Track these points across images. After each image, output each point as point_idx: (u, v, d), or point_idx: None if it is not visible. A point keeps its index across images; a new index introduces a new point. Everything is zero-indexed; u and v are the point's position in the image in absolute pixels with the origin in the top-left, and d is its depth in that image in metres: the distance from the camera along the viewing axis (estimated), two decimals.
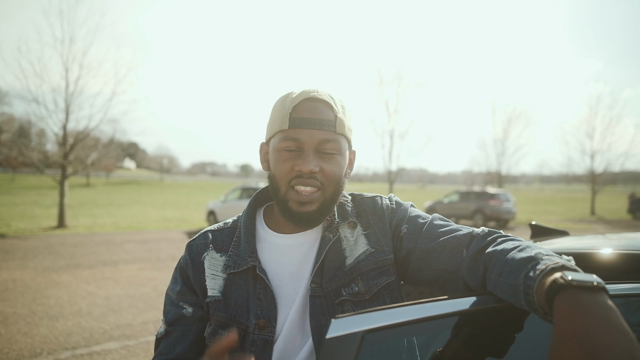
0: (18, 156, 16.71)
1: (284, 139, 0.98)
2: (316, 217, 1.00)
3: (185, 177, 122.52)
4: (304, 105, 0.98)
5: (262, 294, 0.98)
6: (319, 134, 0.97)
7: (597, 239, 1.66)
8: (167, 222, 17.30)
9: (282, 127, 0.98)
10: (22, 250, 9.90)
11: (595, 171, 30.31)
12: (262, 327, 0.96)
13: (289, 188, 0.98)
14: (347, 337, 0.71)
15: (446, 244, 0.97)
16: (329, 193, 1.00)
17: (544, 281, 0.68)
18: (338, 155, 1.00)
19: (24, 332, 4.65)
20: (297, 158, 0.97)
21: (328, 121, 0.98)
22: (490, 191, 19.54)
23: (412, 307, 0.77)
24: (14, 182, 47.42)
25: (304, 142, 0.97)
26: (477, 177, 66.33)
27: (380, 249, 1.03)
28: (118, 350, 4.25)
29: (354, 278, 0.99)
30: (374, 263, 1.01)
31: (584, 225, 19.62)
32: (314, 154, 0.97)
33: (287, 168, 0.97)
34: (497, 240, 0.91)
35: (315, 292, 0.97)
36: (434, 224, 1.02)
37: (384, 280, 1.01)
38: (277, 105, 1.02)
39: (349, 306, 0.97)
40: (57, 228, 14.23)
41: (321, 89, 1.02)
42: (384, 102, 28.07)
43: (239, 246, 1.04)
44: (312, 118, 0.97)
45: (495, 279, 0.81)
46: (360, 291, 0.98)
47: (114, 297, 6.10)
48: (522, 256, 0.77)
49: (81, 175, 49.92)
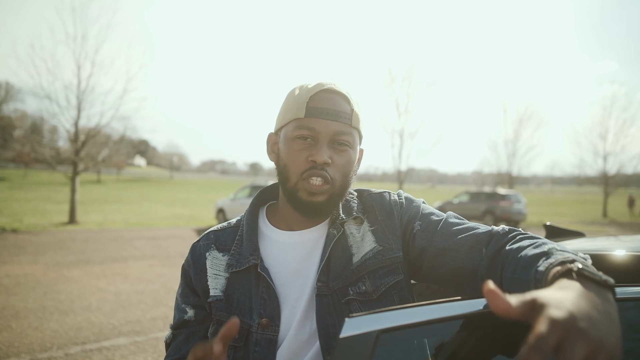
0: (30, 152, 16.91)
1: (299, 127, 0.96)
2: (324, 209, 0.98)
3: (195, 175, 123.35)
4: (321, 96, 0.97)
5: (265, 292, 0.96)
6: (334, 125, 0.96)
7: (610, 241, 1.63)
8: (177, 220, 17.39)
9: (297, 115, 0.96)
10: (34, 245, 10.01)
11: (607, 173, 29.95)
12: (265, 326, 0.94)
13: (301, 179, 0.96)
14: (361, 336, 0.69)
15: (464, 242, 0.94)
16: (338, 186, 0.98)
17: (555, 270, 0.66)
18: (350, 149, 0.99)
19: (35, 327, 4.69)
20: (311, 148, 0.95)
21: (344, 113, 0.97)
22: (501, 192, 19.41)
23: (428, 307, 0.75)
24: (26, 178, 48.02)
25: (319, 131, 0.95)
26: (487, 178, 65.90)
27: (388, 247, 1.00)
28: (127, 346, 4.27)
29: (361, 277, 0.97)
30: (382, 261, 0.98)
31: (595, 228, 19.39)
32: (327, 145, 0.96)
33: (301, 158, 0.96)
34: (516, 237, 0.88)
35: (322, 290, 0.95)
36: (450, 222, 1.00)
37: (392, 279, 0.98)
38: (292, 95, 1.00)
39: (356, 305, 0.95)
40: (68, 224, 14.37)
41: (338, 82, 1.01)
42: (394, 102, 27.95)
43: (241, 244, 1.02)
44: (329, 109, 0.96)
45: (509, 277, 0.79)
46: (368, 290, 0.96)
47: (124, 293, 6.14)
48: (536, 252, 0.75)
49: (92, 171, 50.43)
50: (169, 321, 5.00)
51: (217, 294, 0.99)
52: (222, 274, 1.01)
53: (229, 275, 1.00)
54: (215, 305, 0.98)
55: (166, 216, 18.64)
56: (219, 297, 0.98)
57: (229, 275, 1.00)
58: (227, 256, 1.02)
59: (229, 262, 1.01)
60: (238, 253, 1.01)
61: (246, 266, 0.98)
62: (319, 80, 1.00)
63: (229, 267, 1.00)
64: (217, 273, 1.01)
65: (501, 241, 0.89)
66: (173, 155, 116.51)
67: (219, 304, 0.98)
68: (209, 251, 1.04)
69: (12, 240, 10.56)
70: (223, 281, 1.00)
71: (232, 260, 1.01)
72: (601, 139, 30.32)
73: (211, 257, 1.03)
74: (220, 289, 0.99)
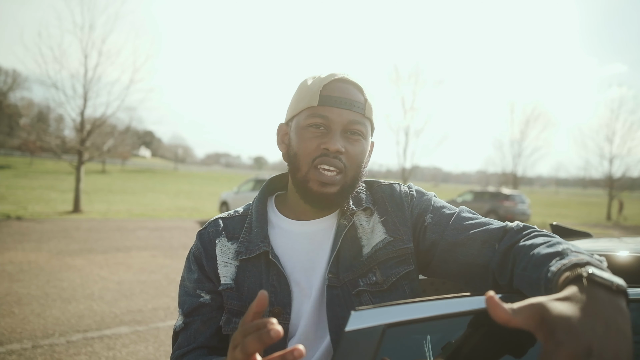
0: (36, 141, 16.93)
1: (312, 115, 0.95)
2: (336, 200, 0.97)
3: (200, 168, 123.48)
4: (335, 85, 0.96)
5: (276, 280, 0.95)
6: (348, 114, 0.94)
7: (614, 242, 1.61)
8: (180, 211, 17.43)
9: (310, 104, 0.95)
10: (38, 233, 10.05)
11: (613, 176, 29.79)
12: (277, 314, 0.93)
13: (312, 167, 0.94)
14: (367, 330, 0.68)
15: (477, 237, 0.92)
16: (350, 177, 0.97)
17: (565, 274, 0.64)
18: (363, 139, 0.98)
19: (37, 313, 4.71)
20: (324, 136, 0.94)
21: (358, 103, 0.96)
22: (505, 192, 19.33)
23: (436, 303, 0.74)
24: (32, 166, 48.22)
25: (333, 120, 0.94)
26: (491, 178, 65.67)
27: (399, 238, 0.99)
28: (128, 335, 4.29)
29: (371, 268, 0.96)
30: (393, 252, 0.97)
31: (599, 230, 19.29)
32: (340, 134, 0.94)
33: (313, 146, 0.94)
34: (531, 234, 0.86)
35: (332, 282, 0.94)
36: (463, 216, 0.98)
37: (402, 269, 0.97)
38: (304, 85, 0.99)
39: (366, 297, 0.94)
40: (72, 213, 14.42)
41: (352, 73, 1.00)
42: (400, 99, 27.81)
43: (251, 232, 1.01)
44: (343, 97, 0.95)
45: (520, 273, 0.78)
46: (378, 281, 0.95)
47: (126, 283, 6.15)
48: (549, 251, 0.73)
49: (97, 161, 50.52)
50: (170, 311, 5.01)
51: (227, 282, 0.97)
52: (232, 262, 0.99)
53: (238, 263, 0.99)
54: (226, 294, 0.97)
55: (170, 208, 18.69)
56: (229, 285, 0.97)
57: (239, 263, 0.99)
58: (236, 244, 1.01)
59: (238, 249, 0.99)
60: (247, 240, 1.00)
61: (256, 253, 0.97)
62: (332, 71, 0.99)
63: (238, 254, 0.99)
64: (227, 261, 0.99)
65: (515, 237, 0.88)
66: (178, 147, 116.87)
67: (229, 292, 0.97)
68: (218, 238, 1.02)
69: (16, 228, 10.61)
70: (233, 269, 0.98)
71: (241, 247, 0.99)
72: (608, 141, 30.14)
73: (220, 244, 1.01)
74: (230, 277, 0.98)
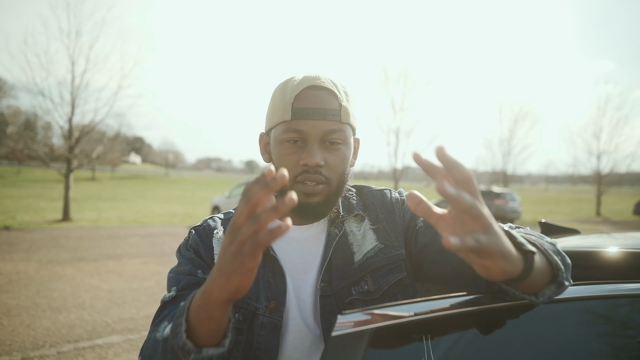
0: (24, 149, 16.77)
1: (287, 130, 0.93)
2: (322, 209, 0.96)
3: (191, 173, 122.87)
4: (306, 95, 0.93)
5: (271, 276, 0.95)
6: (324, 125, 0.92)
7: (604, 238, 1.62)
8: (172, 217, 17.31)
9: (284, 118, 0.93)
10: (27, 242, 9.93)
11: (601, 172, 30.12)
12: (273, 309, 0.93)
13: (295, 183, 0.93)
14: (354, 334, 0.68)
15: None
16: (334, 185, 0.96)
17: None
18: (343, 146, 0.96)
19: (27, 324, 4.65)
20: (301, 151, 0.93)
21: (332, 110, 0.93)
22: (496, 190, 19.48)
23: (423, 304, 0.74)
24: (19, 175, 47.68)
25: (308, 133, 0.92)
26: (482, 176, 66.08)
27: (390, 244, 0.98)
28: (120, 343, 4.24)
29: (363, 276, 0.96)
30: (384, 259, 0.97)
31: (589, 226, 19.47)
32: (318, 146, 0.93)
33: (292, 162, 0.93)
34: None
35: (325, 291, 0.94)
36: None
37: (394, 277, 0.96)
38: (277, 94, 0.97)
39: (359, 305, 0.94)
40: (62, 221, 14.26)
41: (323, 75, 0.97)
42: (389, 100, 28.01)
43: None
44: (315, 108, 0.92)
45: None
46: (370, 290, 0.95)
47: (118, 291, 6.09)
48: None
49: (87, 169, 50.06)
50: None
51: None
52: None
53: None
54: None
55: (161, 214, 18.56)
56: None
57: None
58: None
59: None
60: None
61: None
62: (304, 74, 0.97)
63: None
64: None
65: None
66: (168, 152, 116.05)
67: None
68: (216, 230, 1.01)
69: (4, 238, 10.47)
70: None
71: None
72: (595, 138, 30.54)
73: (218, 236, 1.00)
74: None
